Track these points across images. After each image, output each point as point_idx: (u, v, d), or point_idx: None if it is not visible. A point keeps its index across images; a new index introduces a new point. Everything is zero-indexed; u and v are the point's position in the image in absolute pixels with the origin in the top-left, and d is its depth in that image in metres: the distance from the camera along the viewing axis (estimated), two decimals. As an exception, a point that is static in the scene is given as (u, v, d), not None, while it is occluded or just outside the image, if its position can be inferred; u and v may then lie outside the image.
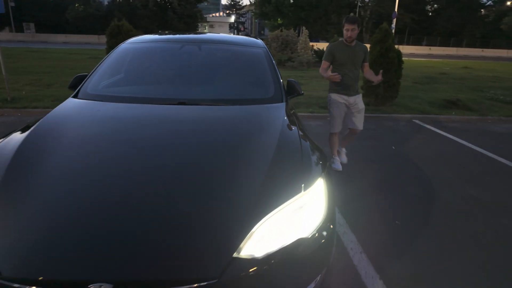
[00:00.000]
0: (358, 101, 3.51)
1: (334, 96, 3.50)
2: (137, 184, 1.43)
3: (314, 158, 1.71)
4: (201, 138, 1.79)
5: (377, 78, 3.44)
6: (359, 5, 42.49)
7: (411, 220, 2.79)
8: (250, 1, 59.23)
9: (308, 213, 1.43)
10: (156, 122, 1.92)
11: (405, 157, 4.32)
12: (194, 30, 42.52)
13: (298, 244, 1.33)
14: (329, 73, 3.37)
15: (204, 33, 3.60)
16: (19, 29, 38.91)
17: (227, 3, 70.54)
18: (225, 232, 1.25)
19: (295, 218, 1.38)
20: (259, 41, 3.16)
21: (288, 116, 2.12)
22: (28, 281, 1.10)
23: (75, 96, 2.33)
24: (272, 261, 1.26)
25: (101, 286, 1.07)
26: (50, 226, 1.24)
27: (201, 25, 45.88)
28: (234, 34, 58.00)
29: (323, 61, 3.50)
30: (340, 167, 3.67)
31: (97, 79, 2.50)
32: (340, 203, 2.92)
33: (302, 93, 2.70)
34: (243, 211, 1.31)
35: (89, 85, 2.42)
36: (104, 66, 2.61)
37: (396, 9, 28.65)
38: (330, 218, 1.50)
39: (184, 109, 2.08)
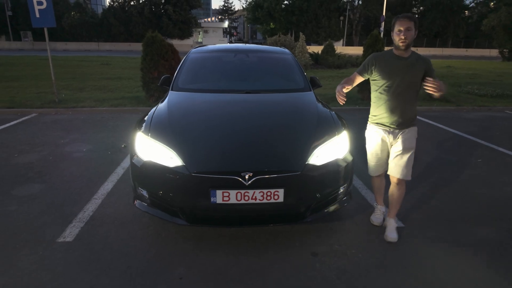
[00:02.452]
0: (402, 138, 2.48)
1: (370, 127, 2.64)
2: (246, 122, 2.72)
3: (340, 120, 2.88)
4: (271, 108, 2.96)
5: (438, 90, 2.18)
6: (348, 9, 44.12)
7: (399, 173, 3.98)
8: (242, 6, 60.63)
9: (340, 146, 2.58)
10: (240, 101, 3.08)
11: (395, 137, 5.52)
12: (189, 36, 43.60)
13: (337, 161, 2.49)
14: (341, 90, 2.46)
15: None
16: (16, 38, 39.53)
17: (218, 8, 71.77)
18: (302, 151, 2.40)
19: (334, 148, 2.54)
20: (286, 49, 4.33)
21: (317, 98, 3.29)
22: (209, 172, 2.24)
23: (171, 89, 3.46)
24: (325, 168, 2.41)
25: (248, 173, 2.21)
26: (215, 139, 2.47)
27: (195, 30, 46.93)
28: (228, 38, 59.04)
29: (354, 72, 2.58)
30: (380, 221, 2.81)
31: (181, 78, 3.62)
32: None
33: (321, 86, 3.86)
34: (310, 142, 2.46)
35: (178, 82, 3.54)
36: (183, 69, 3.74)
37: (384, 13, 30.21)
38: (351, 151, 2.66)
39: (251, 95, 3.23)
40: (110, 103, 7.46)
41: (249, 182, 2.21)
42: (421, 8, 51.00)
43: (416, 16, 51.23)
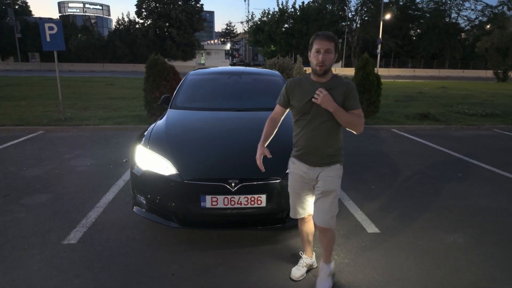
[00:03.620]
0: (322, 179, 2.14)
1: (290, 161, 2.32)
2: (234, 136, 3.03)
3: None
4: (258, 124, 3.25)
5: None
6: (347, 32, 45.47)
7: (382, 185, 4.24)
8: (244, 29, 62.53)
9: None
10: (230, 118, 3.42)
11: (382, 152, 5.82)
12: (192, 58, 44.82)
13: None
14: (260, 152, 2.24)
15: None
16: (24, 59, 40.80)
17: (221, 31, 73.82)
18: (283, 161, 2.66)
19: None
20: (276, 71, 4.72)
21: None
22: (199, 180, 2.53)
23: (170, 108, 3.80)
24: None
25: (234, 180, 2.50)
26: (206, 151, 2.77)
27: (198, 52, 48.23)
28: (230, 60, 60.52)
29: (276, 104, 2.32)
30: (299, 275, 2.38)
31: (180, 97, 3.98)
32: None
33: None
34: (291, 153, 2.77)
35: (177, 101, 3.89)
36: (182, 89, 4.11)
37: (380, 36, 31.18)
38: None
39: (241, 113, 3.57)
40: (113, 121, 7.83)
41: (235, 188, 2.50)
42: (418, 30, 52.51)
43: (414, 38, 52.75)
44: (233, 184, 2.50)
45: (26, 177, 4.35)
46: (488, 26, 42.82)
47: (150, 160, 2.76)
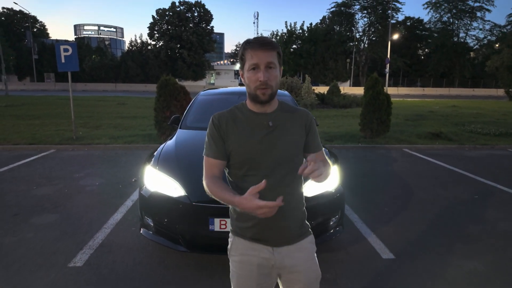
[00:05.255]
0: (303, 264, 1.41)
1: (235, 243, 1.46)
2: None
3: (331, 155, 3.14)
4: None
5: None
6: (355, 51, 45.92)
7: (395, 207, 4.12)
8: (252, 49, 63.54)
9: (331, 179, 2.82)
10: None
11: (394, 173, 5.70)
12: (202, 78, 45.68)
13: (327, 192, 2.71)
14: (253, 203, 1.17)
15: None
16: (39, 79, 42.17)
17: (230, 52, 75.38)
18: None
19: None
20: (285, 91, 4.73)
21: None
22: (208, 202, 2.48)
23: (180, 128, 3.81)
24: (316, 199, 2.63)
25: (243, 202, 2.44)
26: None
27: (208, 72, 49.15)
28: (239, 80, 61.38)
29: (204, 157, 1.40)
30: None
31: (190, 118, 4.00)
32: (349, 198, 4.26)
33: (318, 124, 4.17)
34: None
35: (187, 121, 3.91)
36: (192, 109, 4.13)
37: (388, 55, 31.38)
38: (341, 184, 2.88)
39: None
40: (124, 140, 7.90)
41: (245, 211, 2.44)
42: (426, 50, 52.77)
43: (422, 57, 52.89)
44: (242, 207, 2.43)
45: (36, 196, 4.37)
46: (497, 45, 42.78)
47: (158, 181, 2.73)
